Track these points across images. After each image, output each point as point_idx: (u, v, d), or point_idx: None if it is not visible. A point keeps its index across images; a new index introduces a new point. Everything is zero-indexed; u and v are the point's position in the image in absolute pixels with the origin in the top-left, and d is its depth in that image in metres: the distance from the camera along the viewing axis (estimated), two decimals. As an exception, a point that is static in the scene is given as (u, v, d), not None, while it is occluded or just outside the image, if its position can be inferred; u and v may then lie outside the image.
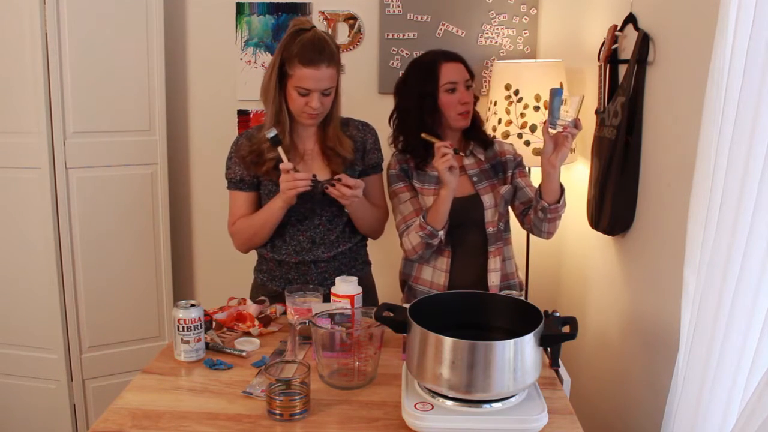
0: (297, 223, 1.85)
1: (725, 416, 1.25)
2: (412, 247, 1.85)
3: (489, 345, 1.18)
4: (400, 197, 1.91)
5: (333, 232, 1.87)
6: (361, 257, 1.98)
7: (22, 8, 2.14)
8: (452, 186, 1.75)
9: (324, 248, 1.86)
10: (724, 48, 1.17)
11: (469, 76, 1.89)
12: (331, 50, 1.72)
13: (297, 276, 1.88)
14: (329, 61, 1.70)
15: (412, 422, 1.20)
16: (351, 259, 1.93)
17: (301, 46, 1.69)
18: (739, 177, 1.16)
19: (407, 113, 1.90)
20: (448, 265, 1.90)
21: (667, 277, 1.64)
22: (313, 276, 1.88)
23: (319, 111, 1.74)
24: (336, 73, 1.75)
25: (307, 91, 1.71)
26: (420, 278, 1.95)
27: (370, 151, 1.89)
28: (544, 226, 1.86)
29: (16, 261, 2.32)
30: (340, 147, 1.81)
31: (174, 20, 2.50)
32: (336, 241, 1.88)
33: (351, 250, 1.92)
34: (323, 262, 1.88)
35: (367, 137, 1.90)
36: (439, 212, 1.79)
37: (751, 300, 1.16)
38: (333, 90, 1.76)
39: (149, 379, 1.43)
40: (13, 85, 2.20)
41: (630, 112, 1.81)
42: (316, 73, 1.69)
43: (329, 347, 1.41)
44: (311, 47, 1.69)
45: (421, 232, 1.81)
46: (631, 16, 1.87)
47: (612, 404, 2.04)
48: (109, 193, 2.35)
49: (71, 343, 2.36)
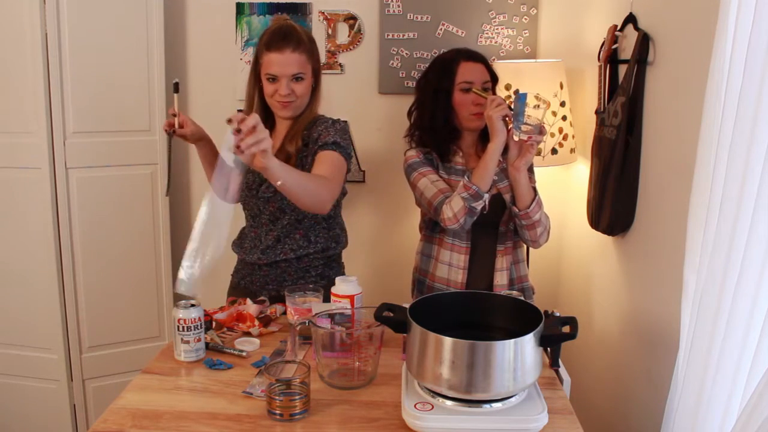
0: (268, 224, 1.85)
1: (725, 416, 1.25)
2: (453, 214, 1.76)
3: (489, 345, 1.18)
4: (429, 177, 1.86)
5: (298, 231, 1.85)
6: (334, 269, 1.92)
7: (22, 8, 2.14)
8: (501, 139, 1.73)
9: (286, 247, 1.84)
10: (724, 48, 1.17)
11: (490, 78, 1.89)
12: (298, 37, 1.74)
13: (258, 277, 1.89)
14: (295, 46, 1.72)
15: (412, 422, 1.20)
16: (320, 267, 1.89)
17: (269, 34, 1.75)
18: (739, 177, 1.16)
19: (423, 108, 1.91)
20: (466, 263, 1.90)
21: (667, 277, 1.64)
22: (272, 277, 1.87)
23: (290, 99, 1.75)
24: (307, 61, 1.75)
25: (274, 76, 1.73)
26: (436, 276, 1.94)
27: (318, 137, 1.77)
28: (525, 233, 1.87)
29: (16, 261, 2.32)
30: (289, 143, 1.79)
31: (174, 20, 2.50)
32: (309, 250, 1.85)
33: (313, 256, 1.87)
34: (283, 263, 1.86)
35: (320, 127, 1.79)
36: (487, 169, 1.74)
37: (751, 300, 1.16)
38: (305, 78, 1.76)
39: (149, 379, 1.43)
40: (13, 85, 2.20)
41: (630, 112, 1.81)
42: (280, 57, 1.71)
43: (329, 347, 1.41)
44: (277, 33, 1.74)
45: (465, 193, 1.74)
46: (631, 16, 1.87)
47: (612, 404, 2.04)
48: (109, 193, 2.35)
49: (71, 343, 2.36)
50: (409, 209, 2.45)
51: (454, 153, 1.92)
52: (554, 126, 2.23)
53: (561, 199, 2.54)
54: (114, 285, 2.40)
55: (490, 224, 1.90)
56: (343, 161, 1.74)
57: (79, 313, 2.36)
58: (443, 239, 1.93)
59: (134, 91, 2.34)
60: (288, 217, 1.83)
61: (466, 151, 1.94)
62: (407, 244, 2.36)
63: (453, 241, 1.91)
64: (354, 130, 2.56)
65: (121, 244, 2.40)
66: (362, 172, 2.61)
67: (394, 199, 2.60)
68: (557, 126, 2.24)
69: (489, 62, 1.91)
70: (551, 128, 2.22)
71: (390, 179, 2.56)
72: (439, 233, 1.94)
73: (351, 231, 2.02)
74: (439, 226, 1.87)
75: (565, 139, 2.26)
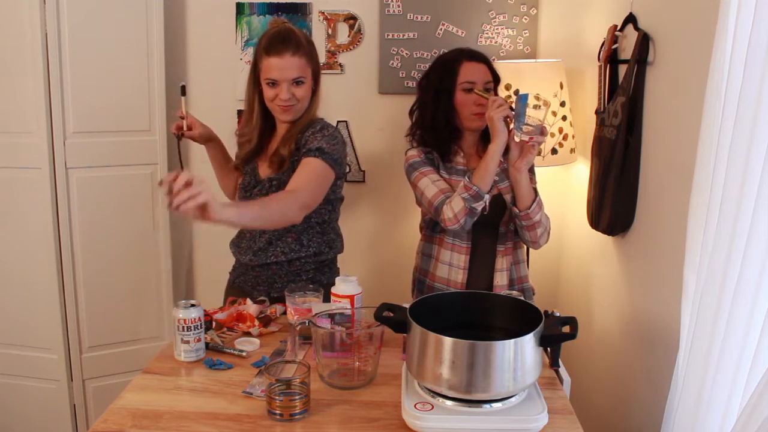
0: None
1: (725, 416, 1.25)
2: (454, 214, 1.76)
3: (489, 345, 1.18)
4: (430, 177, 1.86)
5: (290, 235, 1.84)
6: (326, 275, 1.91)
7: (22, 8, 2.14)
8: (503, 139, 1.73)
9: (278, 250, 1.84)
10: (724, 48, 1.17)
11: (492, 78, 1.88)
12: (297, 40, 1.73)
13: (251, 278, 1.89)
14: (295, 50, 1.71)
15: (412, 422, 1.20)
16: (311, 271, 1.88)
17: (267, 38, 1.74)
18: (739, 177, 1.16)
19: (424, 107, 1.91)
20: (466, 263, 1.89)
21: (667, 277, 1.64)
22: (263, 278, 1.87)
23: (291, 103, 1.74)
24: (306, 65, 1.75)
25: (274, 81, 1.72)
26: (437, 276, 1.94)
27: (305, 143, 1.76)
28: (525, 234, 1.87)
29: (16, 261, 2.32)
30: (283, 146, 1.79)
31: (174, 20, 2.50)
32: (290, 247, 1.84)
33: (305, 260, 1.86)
34: (274, 265, 1.85)
35: (308, 132, 1.78)
36: (488, 170, 1.74)
37: (751, 300, 1.16)
38: (305, 81, 1.75)
39: (149, 379, 1.43)
40: (13, 85, 2.20)
41: (630, 112, 1.81)
42: (280, 62, 1.70)
43: (329, 347, 1.41)
44: (276, 37, 1.73)
45: (466, 194, 1.74)
46: (631, 16, 1.87)
47: (612, 404, 2.04)
48: (109, 193, 2.35)
49: (71, 343, 2.36)
50: (409, 209, 2.45)
51: (455, 153, 1.92)
52: (554, 126, 2.24)
53: (561, 199, 2.54)
54: (114, 285, 2.40)
55: (491, 224, 1.90)
56: (324, 167, 1.72)
57: (79, 313, 2.36)
58: (443, 239, 1.93)
59: (134, 91, 2.34)
60: None
61: (467, 152, 1.94)
62: (407, 244, 2.36)
63: (453, 241, 1.91)
64: (354, 130, 2.57)
65: (121, 244, 2.40)
66: (362, 172, 2.61)
67: (394, 199, 2.60)
68: (557, 126, 2.24)
69: (491, 62, 1.91)
70: (551, 128, 2.22)
71: (390, 179, 2.56)
72: (439, 233, 1.94)
73: (351, 231, 2.01)
74: (439, 225, 1.87)
75: (565, 139, 2.26)
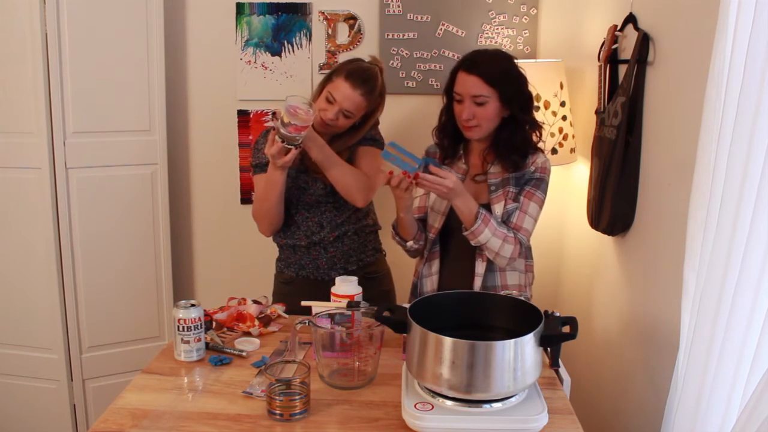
0: (305, 211, 1.99)
1: (725, 416, 1.25)
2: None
3: (489, 345, 1.18)
4: (416, 190, 1.89)
5: (339, 216, 1.99)
6: (371, 244, 2.08)
7: (22, 8, 2.14)
8: (404, 204, 1.76)
9: (329, 229, 1.98)
10: (724, 48, 1.17)
11: (488, 92, 1.71)
12: (373, 85, 1.87)
13: (308, 261, 2.01)
14: (366, 93, 1.85)
15: (412, 422, 1.20)
16: (359, 244, 2.03)
17: (356, 66, 1.89)
18: (739, 177, 1.16)
19: (443, 106, 1.87)
20: (438, 267, 1.88)
21: (667, 277, 1.64)
22: (323, 260, 2.00)
23: (332, 123, 1.86)
24: (363, 108, 1.88)
25: (333, 101, 1.84)
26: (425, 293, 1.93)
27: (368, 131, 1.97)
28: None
29: (16, 261, 2.32)
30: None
31: (174, 20, 2.50)
32: (342, 224, 1.99)
33: (357, 233, 2.02)
34: (331, 246, 1.99)
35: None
36: (401, 225, 1.83)
37: (751, 300, 1.16)
38: (352, 117, 1.88)
39: (149, 379, 1.43)
40: (13, 85, 2.20)
41: (630, 112, 1.81)
42: (348, 92, 1.83)
43: (329, 347, 1.41)
44: (361, 72, 1.87)
45: (395, 239, 1.89)
46: (631, 16, 1.87)
47: (612, 404, 2.04)
48: (109, 193, 2.35)
49: (71, 343, 2.36)
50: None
51: (458, 158, 1.89)
52: (554, 126, 2.23)
53: (561, 199, 2.54)
54: (114, 285, 2.40)
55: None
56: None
57: (79, 313, 2.36)
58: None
59: (134, 91, 2.34)
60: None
61: (471, 161, 1.88)
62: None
63: (428, 250, 1.90)
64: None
65: (121, 244, 2.40)
66: (362, 172, 2.60)
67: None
68: (557, 126, 2.24)
69: (489, 75, 1.71)
70: (551, 128, 2.22)
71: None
72: None
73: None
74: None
75: (565, 139, 2.26)
